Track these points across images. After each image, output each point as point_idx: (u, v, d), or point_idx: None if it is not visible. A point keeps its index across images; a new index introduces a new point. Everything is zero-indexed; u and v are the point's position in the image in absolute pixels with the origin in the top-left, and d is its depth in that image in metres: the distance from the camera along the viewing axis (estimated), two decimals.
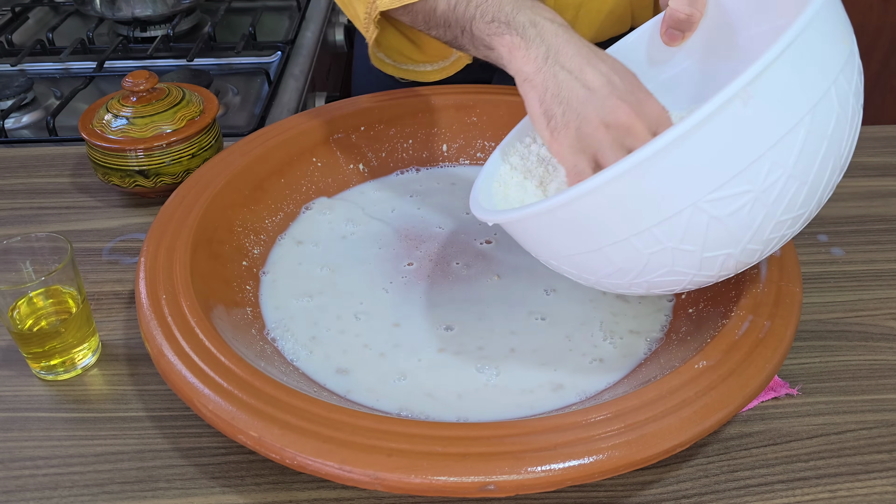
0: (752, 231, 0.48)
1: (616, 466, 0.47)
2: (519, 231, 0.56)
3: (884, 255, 0.74)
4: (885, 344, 0.65)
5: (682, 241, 0.48)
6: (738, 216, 0.47)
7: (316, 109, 0.83)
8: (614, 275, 0.52)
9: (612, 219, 0.49)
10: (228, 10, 1.39)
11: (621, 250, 0.50)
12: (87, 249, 0.76)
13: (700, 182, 0.46)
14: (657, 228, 0.48)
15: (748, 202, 0.46)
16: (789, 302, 0.57)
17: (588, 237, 0.50)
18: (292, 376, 0.58)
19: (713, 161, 0.46)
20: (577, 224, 0.50)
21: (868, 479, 0.55)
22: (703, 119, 0.44)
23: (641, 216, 0.48)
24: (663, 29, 0.66)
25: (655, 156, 0.45)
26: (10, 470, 0.56)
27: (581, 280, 0.56)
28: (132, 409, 0.60)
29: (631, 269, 0.51)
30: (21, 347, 0.62)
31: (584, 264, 0.53)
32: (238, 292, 0.66)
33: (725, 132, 0.45)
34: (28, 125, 1.10)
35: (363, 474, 0.46)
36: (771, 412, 0.59)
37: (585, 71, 0.56)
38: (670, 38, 0.66)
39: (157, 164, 0.80)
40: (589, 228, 0.50)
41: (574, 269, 0.54)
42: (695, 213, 0.47)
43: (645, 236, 0.48)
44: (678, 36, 0.65)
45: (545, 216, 0.51)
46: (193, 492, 0.54)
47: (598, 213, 0.49)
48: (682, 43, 0.66)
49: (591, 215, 0.49)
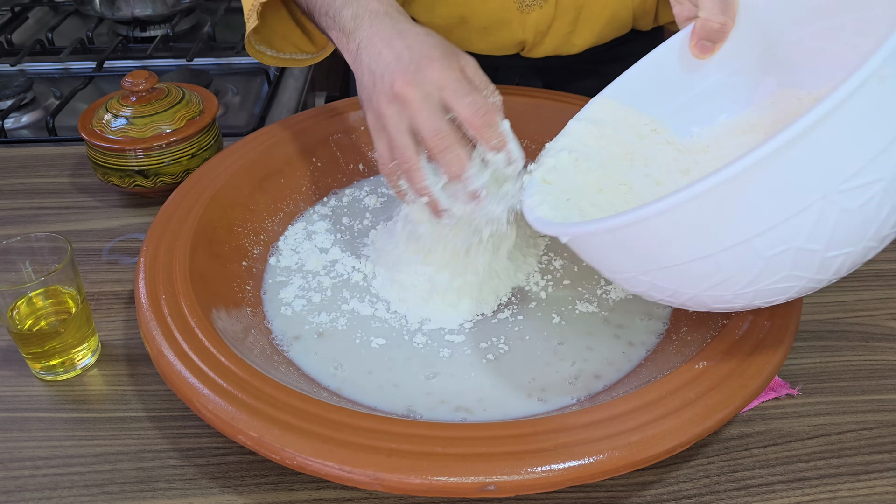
0: (876, 225, 0.44)
1: (616, 467, 0.47)
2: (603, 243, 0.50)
3: (884, 255, 0.74)
4: (885, 344, 0.65)
5: (808, 239, 0.44)
6: (867, 208, 0.43)
7: (316, 109, 0.83)
8: (720, 285, 0.47)
9: (734, 218, 0.44)
10: (228, 9, 1.39)
11: (738, 255, 0.45)
12: (87, 249, 0.76)
13: (834, 170, 0.42)
14: (784, 226, 0.43)
15: (878, 192, 0.43)
16: (789, 302, 0.57)
17: (702, 242, 0.45)
18: (292, 376, 0.58)
19: (848, 147, 0.42)
20: (687, 228, 0.45)
21: (868, 480, 0.55)
22: (841, 100, 0.40)
23: (769, 213, 0.43)
24: (694, 41, 0.63)
25: (788, 144, 0.41)
26: (10, 470, 0.56)
27: (674, 297, 0.50)
28: (132, 409, 0.60)
29: (743, 276, 0.46)
30: (21, 347, 0.62)
31: (686, 276, 0.47)
32: (238, 292, 0.66)
33: (862, 114, 0.41)
34: (28, 125, 1.10)
35: (363, 474, 0.46)
36: (771, 412, 0.59)
37: (382, 53, 0.59)
38: (701, 49, 0.63)
39: (156, 164, 0.80)
40: (705, 231, 0.45)
41: (670, 283, 0.49)
42: (826, 206, 0.43)
43: (769, 236, 0.44)
44: (710, 48, 0.63)
45: (660, 218, 0.45)
46: (193, 492, 0.54)
47: (715, 213, 0.44)
48: (713, 55, 0.63)
49: (706, 216, 0.44)
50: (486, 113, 0.56)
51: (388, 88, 0.57)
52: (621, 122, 0.63)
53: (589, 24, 0.88)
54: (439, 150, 0.56)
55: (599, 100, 0.64)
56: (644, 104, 0.64)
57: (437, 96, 0.57)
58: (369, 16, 0.61)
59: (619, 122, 0.63)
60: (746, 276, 0.46)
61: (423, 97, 0.56)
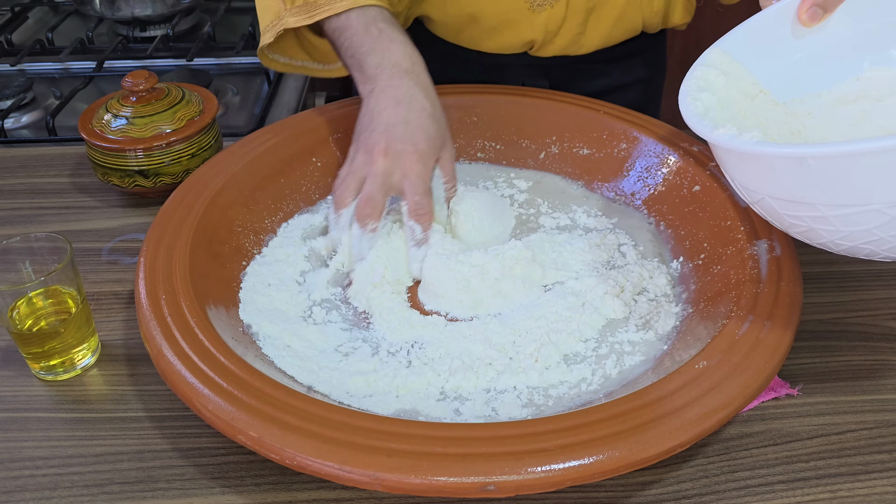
0: None
1: (616, 467, 0.47)
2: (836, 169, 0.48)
3: None
4: (885, 344, 0.65)
5: None
6: None
7: (316, 109, 0.83)
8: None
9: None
10: (228, 9, 1.39)
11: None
12: (87, 249, 0.76)
13: None
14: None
15: None
16: (789, 302, 0.57)
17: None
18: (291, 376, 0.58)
19: None
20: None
21: (868, 480, 0.55)
22: None
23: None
24: (805, 6, 0.61)
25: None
26: (10, 470, 0.56)
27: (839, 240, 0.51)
28: (132, 409, 0.60)
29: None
30: (21, 347, 0.62)
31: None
32: (238, 292, 0.66)
33: None
34: (28, 125, 1.10)
35: (363, 474, 0.46)
36: (771, 412, 0.59)
37: (385, 111, 0.68)
38: (811, 16, 0.61)
39: (156, 164, 0.80)
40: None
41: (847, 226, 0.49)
42: None
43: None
44: (819, 15, 0.61)
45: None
46: (193, 492, 0.54)
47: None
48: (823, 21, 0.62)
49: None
50: (424, 215, 0.68)
51: (371, 144, 0.67)
52: (732, 77, 0.63)
53: (599, 25, 0.88)
54: (362, 213, 0.67)
55: (715, 50, 0.63)
56: (749, 63, 0.63)
57: (398, 180, 0.67)
58: (391, 68, 0.70)
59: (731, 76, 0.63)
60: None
61: (386, 173, 0.67)
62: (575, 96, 0.84)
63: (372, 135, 0.68)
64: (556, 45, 0.89)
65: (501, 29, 0.88)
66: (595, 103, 0.82)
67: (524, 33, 0.88)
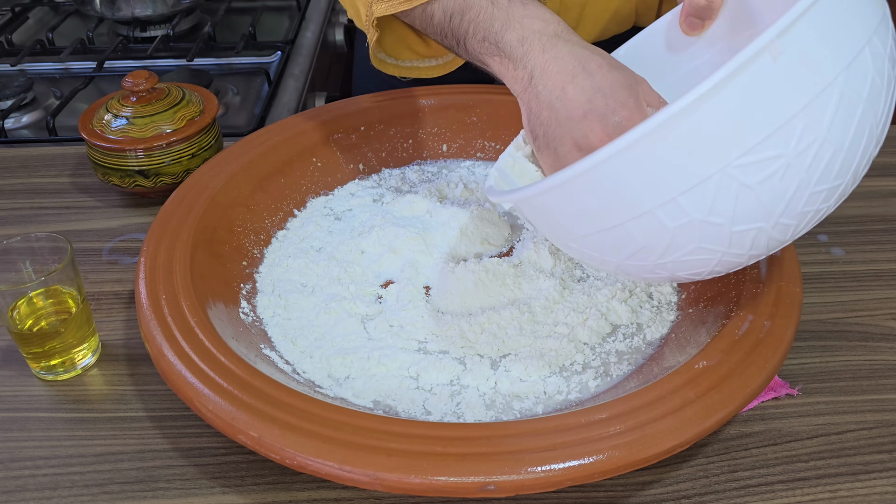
0: (784, 202, 0.45)
1: (616, 466, 0.47)
2: (535, 211, 0.52)
3: (884, 255, 0.74)
4: (885, 344, 0.65)
5: (710, 212, 0.45)
6: (770, 184, 0.44)
7: (316, 109, 0.83)
8: (638, 254, 0.49)
9: (634, 188, 0.45)
10: (228, 10, 1.39)
11: (645, 224, 0.47)
12: (87, 249, 0.76)
13: (728, 144, 0.43)
14: (683, 198, 0.45)
15: (780, 168, 0.44)
16: (789, 302, 0.57)
17: (609, 211, 0.47)
18: (292, 376, 0.58)
19: (742, 121, 0.43)
20: (596, 196, 0.47)
21: (868, 479, 0.55)
22: (730, 73, 0.41)
23: (667, 184, 0.45)
24: (682, 17, 0.63)
25: (679, 115, 0.42)
26: (10, 470, 0.56)
27: (603, 265, 0.53)
28: (132, 409, 0.60)
29: (655, 246, 0.48)
30: (21, 347, 0.62)
31: (605, 243, 0.49)
32: (238, 292, 0.66)
33: (754, 89, 0.42)
34: (28, 125, 1.10)
35: (363, 474, 0.46)
36: (771, 412, 0.59)
37: (567, 91, 0.55)
38: (690, 26, 0.63)
39: (156, 164, 0.80)
40: (610, 200, 0.47)
41: (595, 251, 0.51)
42: (723, 180, 0.44)
43: (670, 207, 0.45)
44: (698, 25, 0.63)
45: (562, 189, 0.47)
46: (193, 492, 0.54)
47: (619, 182, 0.45)
48: (703, 32, 0.63)
49: (612, 185, 0.46)
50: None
51: (583, 138, 0.54)
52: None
53: (592, 19, 0.88)
54: None
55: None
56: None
57: None
58: (538, 38, 0.57)
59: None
60: (658, 247, 0.48)
61: None
62: None
63: (573, 129, 0.55)
64: None
65: None
66: None
67: None
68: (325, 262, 0.70)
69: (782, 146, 0.43)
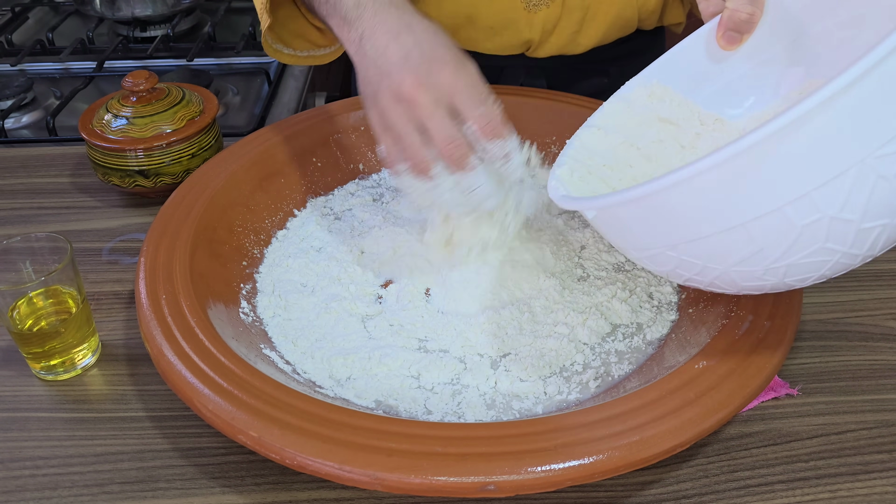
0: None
1: (616, 466, 0.47)
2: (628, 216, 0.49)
3: (884, 255, 0.74)
4: (885, 344, 0.65)
5: (843, 207, 0.42)
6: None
7: (316, 109, 0.83)
8: (751, 259, 0.45)
9: (765, 184, 0.42)
10: (228, 10, 1.39)
11: (770, 224, 0.43)
12: (87, 249, 0.76)
13: (871, 135, 0.41)
14: (817, 192, 0.42)
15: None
16: (789, 302, 0.57)
17: (731, 211, 0.44)
18: (292, 376, 0.58)
19: (885, 110, 0.40)
20: (720, 194, 0.44)
21: (868, 479, 0.55)
22: (875, 62, 0.39)
23: (801, 179, 0.42)
24: (721, 32, 0.61)
25: (821, 106, 0.40)
26: (10, 470, 0.56)
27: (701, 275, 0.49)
28: (132, 409, 0.60)
29: (775, 248, 0.44)
30: (21, 347, 0.62)
31: (716, 248, 0.46)
32: (238, 292, 0.66)
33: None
34: (28, 125, 1.10)
35: (363, 474, 0.46)
36: (771, 412, 0.59)
37: (389, 48, 0.58)
38: (728, 41, 0.61)
39: (156, 164, 0.80)
40: (735, 198, 0.43)
41: (698, 258, 0.47)
42: (861, 172, 0.41)
43: (802, 203, 0.42)
44: (737, 39, 0.61)
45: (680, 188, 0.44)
46: (193, 492, 0.54)
47: (749, 177, 0.42)
48: (741, 46, 0.62)
49: (741, 181, 0.43)
50: (497, 125, 0.58)
51: (397, 88, 0.57)
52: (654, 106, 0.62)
53: (595, 23, 0.88)
54: (454, 158, 0.58)
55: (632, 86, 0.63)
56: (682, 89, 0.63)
57: (448, 102, 0.57)
58: (373, 4, 0.60)
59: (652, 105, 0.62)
60: (779, 248, 0.44)
61: (434, 101, 0.56)
62: (574, 96, 0.84)
63: (390, 80, 0.57)
64: (553, 45, 0.89)
65: (499, 29, 0.88)
66: (594, 103, 0.82)
67: (521, 33, 0.88)
68: (325, 262, 0.70)
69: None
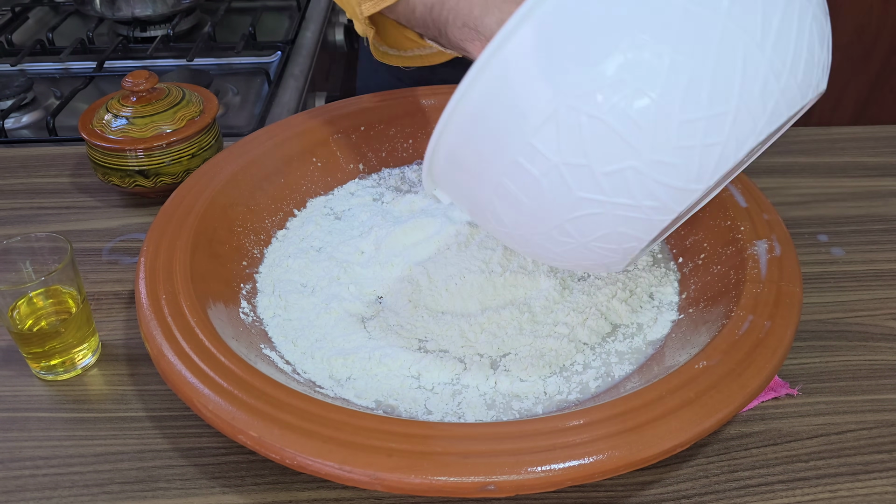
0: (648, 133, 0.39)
1: (616, 466, 0.47)
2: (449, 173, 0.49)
3: (884, 255, 0.74)
4: (885, 344, 0.65)
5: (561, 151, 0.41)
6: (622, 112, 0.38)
7: (316, 109, 0.83)
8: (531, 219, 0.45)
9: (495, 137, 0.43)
10: (228, 10, 1.39)
11: (515, 174, 0.43)
12: (87, 249, 0.76)
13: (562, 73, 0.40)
14: (536, 139, 0.41)
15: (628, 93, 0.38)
16: (789, 302, 0.57)
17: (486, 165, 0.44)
18: (292, 376, 0.58)
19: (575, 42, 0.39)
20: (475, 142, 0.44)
21: (868, 479, 0.55)
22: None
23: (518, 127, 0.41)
24: None
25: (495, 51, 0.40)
26: (10, 470, 0.56)
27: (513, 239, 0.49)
28: (132, 409, 0.60)
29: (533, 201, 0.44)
30: (21, 347, 0.62)
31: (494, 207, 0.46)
32: (238, 292, 0.66)
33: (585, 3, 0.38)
34: (28, 125, 1.10)
35: (363, 474, 0.46)
36: (771, 412, 0.59)
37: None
38: None
39: (157, 164, 0.80)
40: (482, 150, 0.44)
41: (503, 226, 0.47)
42: (567, 114, 0.39)
43: (528, 151, 0.41)
44: None
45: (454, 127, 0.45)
46: (193, 492, 0.54)
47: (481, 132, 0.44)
48: None
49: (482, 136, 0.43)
50: None
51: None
52: None
53: None
54: None
55: None
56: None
57: None
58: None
59: None
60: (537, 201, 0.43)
61: None
62: None
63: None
64: None
65: None
66: None
67: None
68: (325, 262, 0.70)
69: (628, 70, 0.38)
